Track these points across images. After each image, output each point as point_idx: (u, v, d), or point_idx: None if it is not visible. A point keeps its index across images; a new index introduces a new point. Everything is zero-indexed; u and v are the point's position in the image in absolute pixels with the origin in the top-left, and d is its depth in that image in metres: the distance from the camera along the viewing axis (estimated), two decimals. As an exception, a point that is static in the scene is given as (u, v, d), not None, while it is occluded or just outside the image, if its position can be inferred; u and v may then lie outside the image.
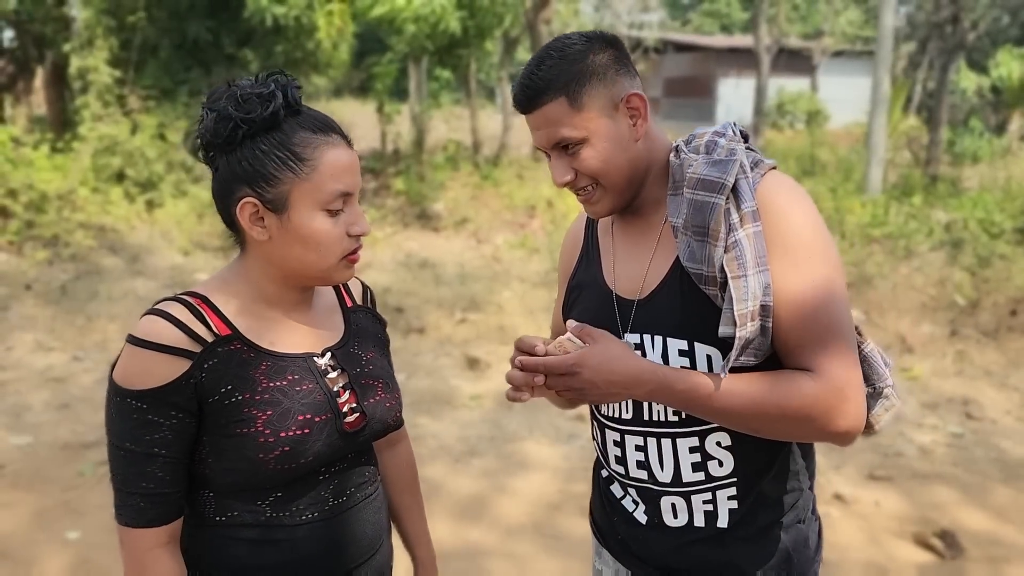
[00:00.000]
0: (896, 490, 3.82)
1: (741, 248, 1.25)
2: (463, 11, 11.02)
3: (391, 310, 6.63)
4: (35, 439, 4.01)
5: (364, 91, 22.26)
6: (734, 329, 1.24)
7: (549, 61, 1.30)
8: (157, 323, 1.22)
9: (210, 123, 1.22)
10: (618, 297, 1.41)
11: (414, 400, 4.90)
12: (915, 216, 8.61)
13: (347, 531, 1.34)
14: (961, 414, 4.80)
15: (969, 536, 3.39)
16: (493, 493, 3.76)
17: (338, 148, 1.26)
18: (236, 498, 1.28)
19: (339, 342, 1.37)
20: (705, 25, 37.09)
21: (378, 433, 1.38)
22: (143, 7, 10.88)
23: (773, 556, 1.38)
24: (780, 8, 20.25)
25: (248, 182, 1.22)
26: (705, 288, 1.29)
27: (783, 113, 22.40)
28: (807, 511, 1.44)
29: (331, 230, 1.25)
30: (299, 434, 1.24)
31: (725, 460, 1.36)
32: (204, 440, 1.25)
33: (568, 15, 20.19)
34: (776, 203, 1.28)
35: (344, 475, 1.35)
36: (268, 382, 1.24)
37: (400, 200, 11.16)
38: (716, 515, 1.38)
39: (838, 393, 1.22)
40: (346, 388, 1.33)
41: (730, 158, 1.30)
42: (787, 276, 1.25)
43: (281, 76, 1.26)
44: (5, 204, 8.21)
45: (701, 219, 1.28)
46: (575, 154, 1.32)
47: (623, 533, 1.48)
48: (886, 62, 10.34)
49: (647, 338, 1.36)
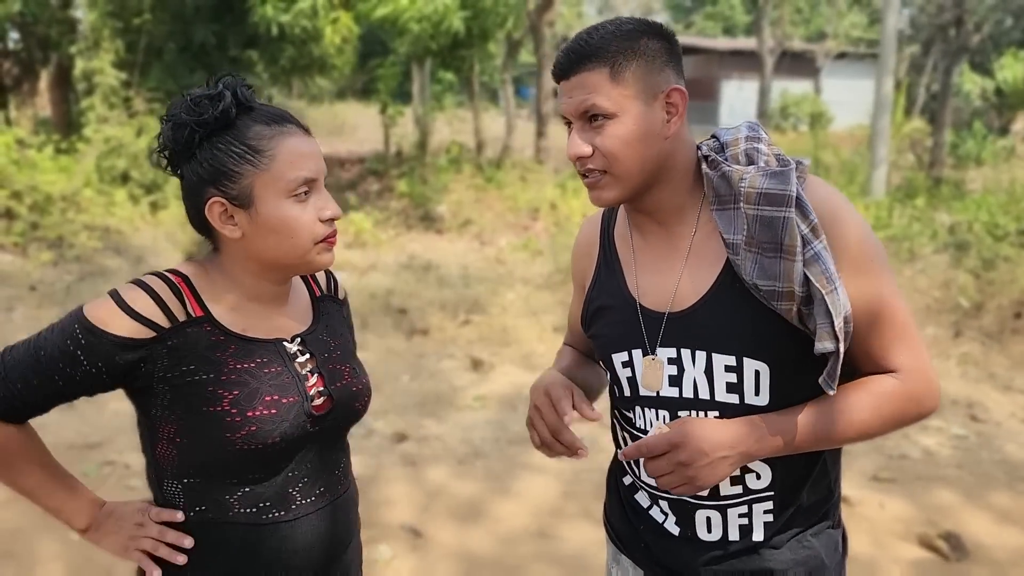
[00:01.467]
0: (901, 492, 3.82)
1: (824, 261, 1.22)
2: (466, 11, 11.04)
3: (394, 311, 6.64)
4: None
5: (367, 93, 22.31)
6: (836, 344, 1.22)
7: (602, 31, 1.26)
8: (139, 293, 1.25)
9: (168, 132, 1.26)
10: (644, 309, 1.37)
11: (418, 401, 4.90)
12: (919, 218, 8.61)
13: (315, 532, 1.35)
14: (965, 416, 4.79)
15: (974, 538, 3.38)
16: (495, 496, 3.76)
17: (294, 136, 1.27)
18: (203, 491, 1.29)
19: (308, 329, 1.39)
20: (708, 28, 37.10)
21: (346, 418, 1.39)
22: (148, 10, 10.91)
23: (807, 563, 1.38)
24: (783, 11, 20.26)
25: (212, 183, 1.25)
26: (777, 303, 1.25)
27: (786, 115, 22.41)
28: (836, 516, 1.44)
29: (300, 216, 1.26)
30: (266, 414, 1.26)
31: (763, 473, 1.35)
32: (172, 420, 1.26)
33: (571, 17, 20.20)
34: (827, 209, 1.26)
35: (313, 474, 1.35)
36: (236, 363, 1.27)
37: (403, 202, 11.18)
38: (751, 528, 1.37)
39: (923, 384, 1.29)
40: (314, 372, 1.35)
41: (786, 168, 1.27)
42: (860, 285, 1.26)
43: (230, 77, 1.28)
44: (10, 206, 8.24)
45: (772, 235, 1.23)
46: (600, 128, 1.26)
47: (650, 542, 1.45)
48: (889, 65, 10.34)
49: (686, 352, 1.32)
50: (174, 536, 1.30)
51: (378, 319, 6.50)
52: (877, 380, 1.29)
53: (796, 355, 1.28)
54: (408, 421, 4.60)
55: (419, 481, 3.88)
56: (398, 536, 3.37)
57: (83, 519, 1.34)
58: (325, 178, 1.32)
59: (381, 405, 4.84)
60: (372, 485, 3.82)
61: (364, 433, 4.42)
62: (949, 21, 12.27)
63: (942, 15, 12.85)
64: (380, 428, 4.49)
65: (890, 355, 1.28)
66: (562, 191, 10.67)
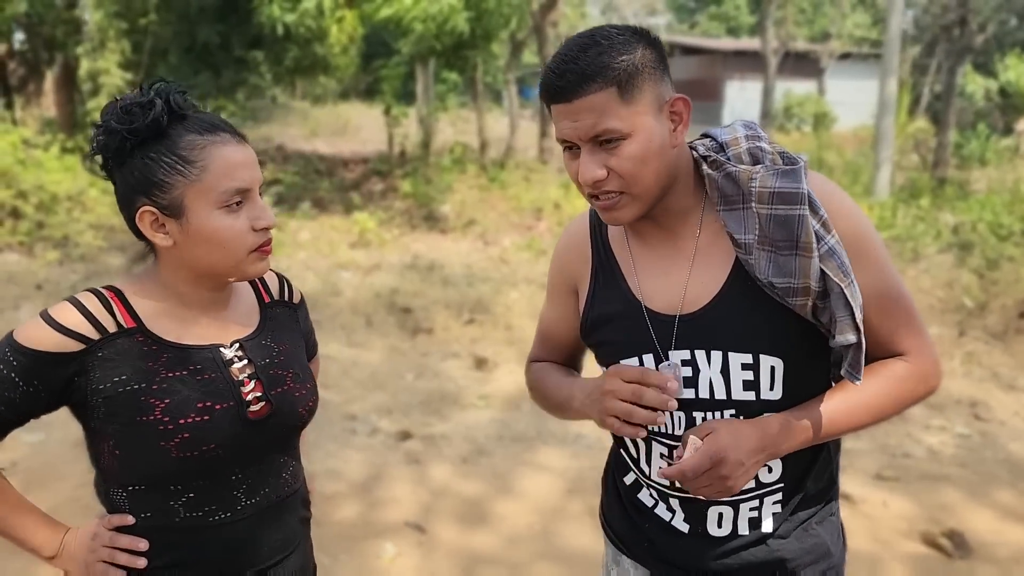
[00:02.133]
0: (904, 490, 3.82)
1: (838, 255, 1.23)
2: (470, 12, 11.06)
3: (399, 311, 6.65)
4: (47, 436, 4.04)
5: (371, 94, 22.35)
6: (858, 335, 1.24)
7: (597, 48, 1.19)
8: (67, 308, 1.26)
9: (100, 139, 1.25)
10: (652, 313, 1.34)
11: (422, 400, 4.92)
12: (923, 218, 8.61)
13: (260, 532, 1.36)
14: (969, 416, 4.79)
15: (977, 536, 3.39)
16: (499, 494, 3.77)
17: (227, 146, 1.26)
18: (148, 498, 1.30)
19: (250, 334, 1.38)
20: (712, 28, 37.09)
21: (289, 424, 1.38)
22: (154, 10, 10.96)
23: (814, 551, 1.39)
24: (787, 11, 20.25)
25: (143, 192, 1.24)
26: (792, 300, 1.25)
27: (790, 116, 22.40)
28: (837, 503, 1.47)
29: (232, 226, 1.26)
30: (198, 420, 1.26)
31: (775, 466, 1.36)
32: (108, 433, 1.27)
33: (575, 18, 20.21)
34: (830, 202, 1.27)
35: (258, 476, 1.36)
36: (167, 372, 1.27)
37: (407, 202, 11.20)
38: (760, 521, 1.38)
39: (930, 363, 1.34)
40: (252, 378, 1.34)
41: (795, 167, 1.26)
42: (873, 274, 1.29)
43: (162, 84, 1.28)
44: (16, 205, 8.27)
45: (787, 233, 1.23)
46: (614, 150, 1.21)
47: (655, 539, 1.44)
48: (893, 65, 10.34)
49: (700, 354, 1.31)
50: (127, 541, 1.30)
51: (382, 318, 6.51)
52: (889, 365, 1.33)
53: (809, 349, 1.30)
54: (412, 420, 4.62)
55: (423, 479, 3.89)
56: (402, 533, 3.38)
57: (50, 548, 1.34)
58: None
59: (385, 403, 4.85)
60: (376, 483, 3.83)
61: (368, 431, 4.44)
62: (953, 21, 12.27)
63: (946, 15, 12.85)
64: (384, 426, 4.50)
65: (897, 339, 1.32)
66: (566, 191, 10.69)
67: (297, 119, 22.58)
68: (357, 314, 6.58)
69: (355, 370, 5.38)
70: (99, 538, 1.32)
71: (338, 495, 3.68)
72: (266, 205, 1.31)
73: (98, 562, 1.31)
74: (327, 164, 14.18)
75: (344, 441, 4.30)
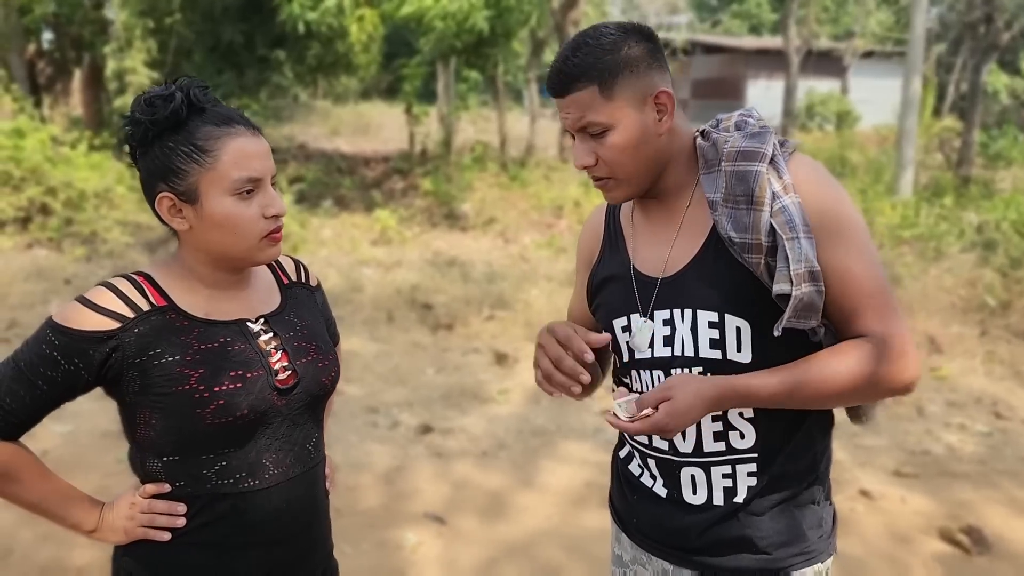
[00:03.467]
0: (923, 487, 3.82)
1: (789, 212, 1.31)
2: (490, 10, 11.09)
3: (420, 307, 6.71)
4: (76, 427, 4.13)
5: (393, 93, 22.43)
6: (791, 287, 1.29)
7: (584, 49, 1.34)
8: (102, 291, 1.34)
9: (127, 129, 1.34)
10: (640, 276, 1.46)
11: (443, 394, 4.97)
12: (946, 217, 8.55)
13: (284, 502, 1.42)
14: (990, 414, 4.78)
15: (996, 533, 3.39)
16: (519, 486, 3.81)
17: (241, 137, 1.33)
18: (182, 467, 1.37)
19: (274, 311, 1.46)
20: (734, 27, 36.88)
21: (314, 393, 1.45)
22: (179, 9, 11.08)
23: (787, 533, 1.42)
24: (810, 9, 20.12)
25: (162, 178, 1.33)
26: (748, 257, 1.33)
27: (812, 115, 22.24)
28: (822, 494, 1.48)
29: (244, 213, 1.33)
30: (232, 388, 1.33)
31: (747, 432, 1.40)
32: (145, 403, 1.34)
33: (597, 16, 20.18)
34: (809, 179, 1.35)
35: (284, 445, 1.42)
36: (199, 344, 1.34)
37: (428, 200, 11.26)
38: (735, 491, 1.42)
39: (899, 350, 1.32)
40: (278, 349, 1.42)
41: (765, 130, 1.39)
42: (835, 250, 1.32)
43: (185, 79, 1.36)
44: (45, 202, 8.42)
45: (745, 187, 1.34)
46: (600, 139, 1.36)
47: (640, 515, 1.53)
48: (917, 63, 10.26)
49: (676, 312, 1.41)
50: (165, 506, 1.37)
51: (403, 314, 6.58)
52: (852, 342, 1.33)
53: (776, 315, 1.34)
54: (433, 413, 4.67)
55: (444, 472, 3.94)
56: (423, 524, 3.43)
57: (90, 522, 1.42)
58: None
59: (406, 397, 4.91)
60: (398, 475, 3.89)
61: (390, 424, 4.50)
62: (978, 19, 12.14)
63: (971, 13, 12.71)
64: (406, 420, 4.56)
65: (864, 320, 1.33)
66: (586, 189, 10.70)
67: (319, 118, 22.72)
68: (379, 310, 6.65)
69: (377, 364, 5.45)
70: (137, 506, 1.39)
71: (360, 486, 3.74)
72: (277, 194, 1.39)
73: (139, 528, 1.38)
74: (349, 163, 14.28)
75: (366, 434, 4.36)
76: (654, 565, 1.52)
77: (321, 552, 1.54)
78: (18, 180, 8.47)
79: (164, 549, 1.39)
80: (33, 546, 3.12)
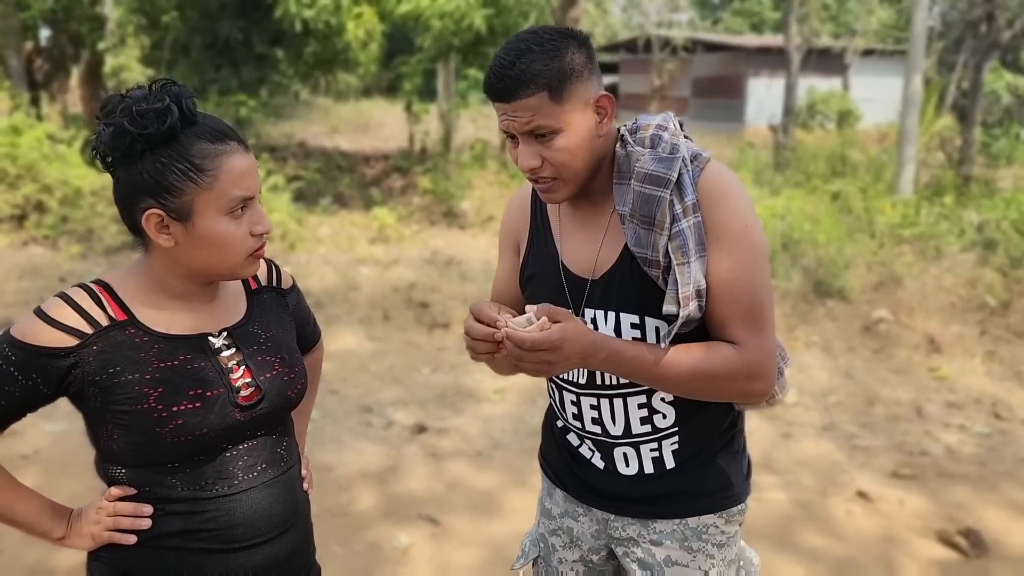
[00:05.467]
0: (920, 489, 3.79)
1: (684, 238, 1.41)
2: (488, 8, 11.05)
3: (416, 305, 6.68)
4: (68, 426, 4.10)
5: (393, 91, 22.40)
6: (678, 308, 1.41)
7: (530, 55, 1.37)
8: (59, 304, 1.30)
9: (107, 137, 1.26)
10: (571, 275, 1.55)
11: (438, 394, 4.94)
12: (946, 217, 8.50)
13: (258, 506, 1.40)
14: (989, 414, 4.74)
15: (994, 535, 3.36)
16: (513, 487, 3.78)
17: (236, 155, 1.30)
18: (146, 474, 1.35)
19: (238, 322, 1.43)
20: (735, 24, 36.83)
21: (279, 406, 1.43)
22: (175, 6, 11.05)
23: (716, 481, 1.59)
24: (811, 7, 20.06)
25: (151, 194, 1.27)
26: (648, 270, 1.45)
27: (813, 113, 22.18)
28: (740, 445, 1.65)
29: (235, 232, 1.31)
30: (191, 408, 1.31)
31: (668, 413, 1.55)
32: (108, 419, 1.31)
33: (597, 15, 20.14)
34: (712, 195, 1.44)
35: (253, 452, 1.40)
36: (159, 362, 1.31)
37: (427, 198, 11.22)
38: (663, 460, 1.58)
39: (756, 362, 1.43)
40: (240, 364, 1.39)
41: (674, 156, 1.45)
42: (720, 262, 1.43)
43: (174, 86, 1.29)
44: (41, 199, 8.39)
45: (648, 210, 1.43)
46: (548, 143, 1.41)
47: (581, 475, 1.65)
48: (918, 61, 10.22)
49: (600, 313, 1.52)
50: (130, 508, 1.35)
51: (400, 312, 6.54)
52: (717, 344, 1.45)
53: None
54: (428, 413, 4.64)
55: (438, 472, 3.91)
56: (416, 525, 3.40)
57: (58, 530, 1.39)
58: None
59: (401, 396, 4.88)
60: (391, 475, 3.86)
61: (384, 424, 4.46)
62: (980, 17, 12.09)
63: (973, 11, 12.66)
64: (400, 419, 4.53)
65: (731, 328, 1.44)
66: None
67: (319, 116, 22.70)
68: (375, 308, 6.61)
69: (372, 364, 5.42)
70: (103, 510, 1.36)
71: (353, 486, 3.71)
72: (263, 212, 1.37)
73: (104, 531, 1.36)
74: (348, 160, 14.25)
75: (360, 433, 4.33)
76: (593, 515, 1.66)
77: (302, 555, 1.51)
78: (14, 177, 8.43)
79: (134, 553, 1.36)
80: (21, 547, 3.10)
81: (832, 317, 6.34)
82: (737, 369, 1.43)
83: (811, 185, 10.42)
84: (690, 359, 1.43)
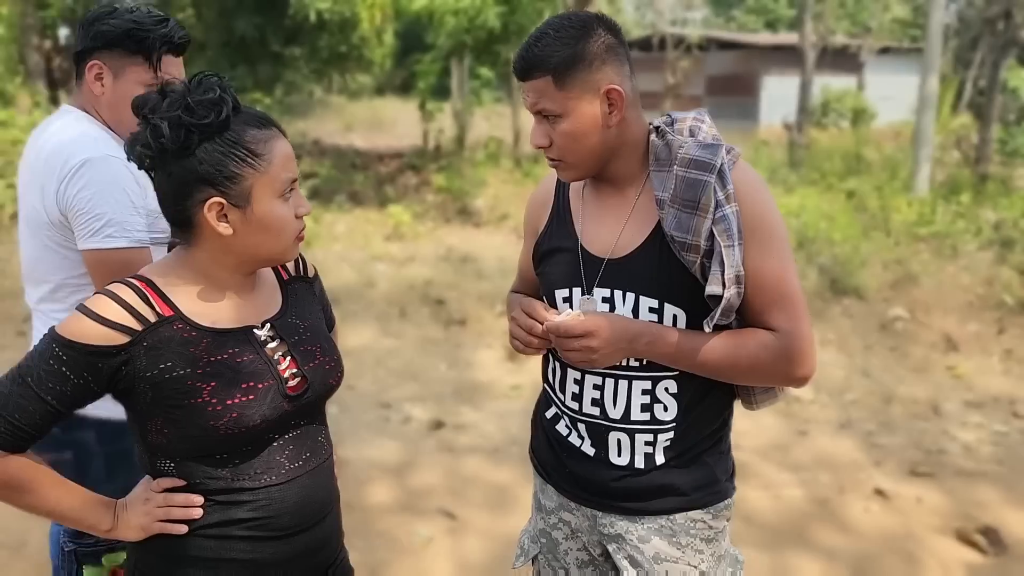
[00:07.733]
0: (938, 487, 3.78)
1: (729, 222, 1.45)
2: (503, 6, 11.06)
3: (432, 302, 6.71)
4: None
5: (407, 89, 22.45)
6: (723, 290, 1.44)
7: (544, 40, 1.44)
8: (105, 301, 1.30)
9: (164, 131, 1.27)
10: (587, 254, 1.58)
11: (455, 389, 4.96)
12: (963, 215, 8.46)
13: (304, 494, 1.43)
14: (1007, 412, 4.72)
15: (1012, 534, 3.35)
16: (529, 482, 3.78)
17: (281, 140, 1.36)
18: (195, 466, 1.36)
19: (277, 313, 1.46)
20: (750, 22, 36.67)
21: (322, 394, 1.47)
22: (191, 4, 11.11)
23: (702, 479, 1.61)
24: (827, 4, 19.96)
25: (211, 183, 1.30)
26: (685, 255, 1.47)
27: (827, 111, 22.06)
28: (726, 445, 1.68)
29: (287, 214, 1.36)
30: (244, 400, 1.33)
31: (670, 406, 1.57)
32: (158, 414, 1.33)
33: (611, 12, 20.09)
34: (747, 187, 1.49)
35: (298, 441, 1.43)
36: (209, 356, 1.33)
37: (441, 196, 11.25)
38: (654, 457, 1.59)
39: (796, 347, 1.48)
40: (286, 356, 1.42)
41: (717, 143, 1.51)
42: (759, 253, 1.48)
43: (213, 77, 1.32)
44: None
45: (692, 194, 1.46)
46: (555, 125, 1.48)
47: (570, 465, 1.66)
48: (935, 59, 10.16)
49: (618, 293, 1.54)
50: (182, 499, 1.36)
51: (416, 309, 6.57)
52: (757, 331, 1.51)
53: (705, 309, 1.49)
54: (445, 409, 4.66)
55: (455, 467, 3.93)
56: (435, 519, 3.43)
57: (106, 521, 1.40)
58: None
59: (418, 392, 4.91)
60: (409, 470, 3.89)
61: (401, 419, 4.49)
62: (997, 14, 12.00)
63: (990, 8, 12.57)
64: (417, 415, 4.55)
65: (768, 314, 1.49)
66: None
67: (333, 114, 22.77)
68: (391, 305, 6.65)
69: (389, 360, 5.45)
70: (152, 501, 1.38)
71: (372, 481, 3.74)
72: (302, 194, 1.42)
73: (155, 522, 1.37)
74: (362, 158, 14.29)
75: (378, 429, 4.36)
76: (583, 511, 1.67)
77: (337, 540, 1.56)
78: (34, 174, 8.51)
79: (182, 542, 1.38)
80: (45, 538, 3.14)
81: (848, 315, 6.33)
82: (779, 354, 1.48)
83: (826, 183, 10.38)
84: (733, 343, 1.48)
